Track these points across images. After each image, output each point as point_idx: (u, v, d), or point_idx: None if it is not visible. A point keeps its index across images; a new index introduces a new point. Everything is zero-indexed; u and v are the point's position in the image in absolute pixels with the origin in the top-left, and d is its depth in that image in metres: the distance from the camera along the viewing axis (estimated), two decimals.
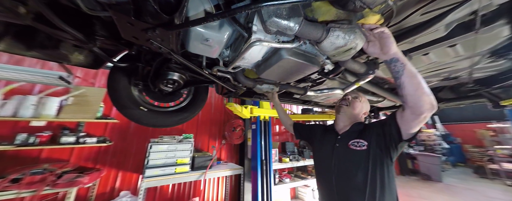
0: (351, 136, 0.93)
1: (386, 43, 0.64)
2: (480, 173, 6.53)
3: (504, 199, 4.21)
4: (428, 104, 0.59)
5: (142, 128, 2.77)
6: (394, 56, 0.64)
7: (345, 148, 0.90)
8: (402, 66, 0.62)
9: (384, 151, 0.80)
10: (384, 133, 0.81)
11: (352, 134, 0.94)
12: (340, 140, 0.95)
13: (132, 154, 2.64)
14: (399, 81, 0.63)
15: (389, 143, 0.79)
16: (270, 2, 0.49)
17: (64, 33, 0.84)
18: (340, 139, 0.96)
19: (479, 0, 0.53)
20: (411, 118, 0.66)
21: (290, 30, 0.64)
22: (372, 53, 0.71)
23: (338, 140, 0.96)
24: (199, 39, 0.77)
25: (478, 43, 0.83)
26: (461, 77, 1.24)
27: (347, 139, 0.92)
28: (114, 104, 1.22)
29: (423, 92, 0.60)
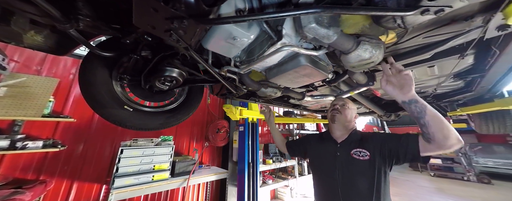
0: (351, 145, 0.94)
1: (408, 84, 0.67)
2: (414, 167, 8.23)
3: (429, 186, 5.43)
4: (455, 140, 0.62)
5: (107, 129, 2.33)
6: (413, 97, 0.67)
7: (348, 157, 0.91)
8: (424, 107, 0.65)
9: (388, 162, 0.84)
10: (396, 148, 0.81)
11: (352, 143, 0.95)
12: (340, 149, 0.96)
13: (93, 160, 2.18)
14: (424, 121, 0.65)
15: (396, 157, 0.82)
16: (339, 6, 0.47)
17: (28, 6, 0.63)
18: (340, 147, 0.97)
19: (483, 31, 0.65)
20: (436, 150, 0.68)
21: (327, 39, 0.64)
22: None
23: (339, 148, 0.97)
24: (225, 37, 0.69)
25: (450, 66, 1.03)
26: (427, 92, 1.53)
27: (348, 148, 0.94)
28: (89, 102, 0.98)
29: (449, 129, 0.62)
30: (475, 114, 1.84)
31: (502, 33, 0.62)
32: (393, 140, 0.84)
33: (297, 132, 4.16)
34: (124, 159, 1.95)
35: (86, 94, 0.98)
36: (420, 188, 5.25)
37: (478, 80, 1.19)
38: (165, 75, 1.02)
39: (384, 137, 0.89)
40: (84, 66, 0.98)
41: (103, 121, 2.30)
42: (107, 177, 2.18)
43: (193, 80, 1.26)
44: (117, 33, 0.85)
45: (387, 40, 0.79)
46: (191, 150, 2.99)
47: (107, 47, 0.97)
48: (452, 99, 1.62)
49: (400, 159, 0.81)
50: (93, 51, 0.87)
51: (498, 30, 0.62)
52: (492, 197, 4.46)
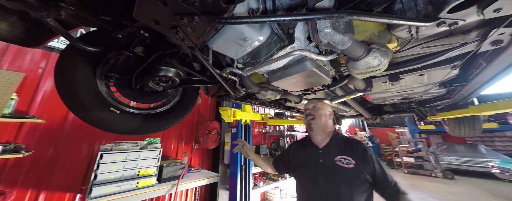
0: (334, 150, 0.92)
1: None
2: (390, 164, 8.92)
3: (404, 183, 5.94)
4: None
5: (83, 131, 2.08)
6: None
7: (332, 164, 0.88)
8: None
9: (369, 175, 0.85)
10: (370, 169, 0.85)
11: (334, 148, 0.93)
12: (323, 155, 0.93)
13: (65, 166, 1.92)
14: None
15: (375, 188, 0.86)
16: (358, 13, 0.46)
17: None
18: (323, 154, 0.93)
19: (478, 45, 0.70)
20: None
21: (342, 45, 0.63)
22: None
23: (321, 155, 0.93)
24: (235, 38, 0.65)
25: (438, 75, 1.12)
26: (413, 98, 1.65)
27: (331, 154, 0.91)
28: (68, 102, 0.85)
29: None
30: (450, 119, 2.04)
31: (495, 47, 0.67)
32: (384, 174, 0.85)
33: (287, 133, 4.21)
34: (104, 164, 1.75)
35: (63, 93, 0.85)
36: None
37: (458, 88, 1.31)
38: (161, 75, 0.92)
39: (366, 155, 0.87)
40: (62, 61, 0.85)
41: (78, 122, 2.06)
42: (82, 185, 1.94)
43: (190, 81, 1.17)
44: (106, 25, 0.74)
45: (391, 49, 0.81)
46: (180, 153, 2.82)
47: (92, 40, 0.85)
48: (432, 105, 1.78)
49: (377, 190, 0.84)
50: (76, 45, 0.75)
51: (492, 45, 0.67)
52: (455, 191, 5.02)
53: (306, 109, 1.10)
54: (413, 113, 2.17)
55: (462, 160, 6.56)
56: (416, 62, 0.95)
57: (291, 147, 1.17)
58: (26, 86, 1.85)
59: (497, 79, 1.06)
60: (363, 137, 11.87)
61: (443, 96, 1.61)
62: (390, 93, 1.51)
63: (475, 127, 1.93)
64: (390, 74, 1.14)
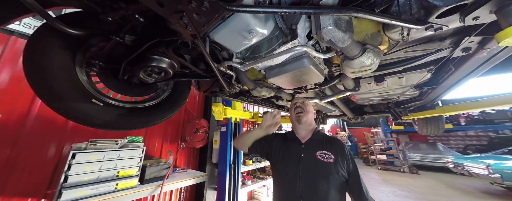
0: (316, 145, 0.94)
1: None
2: (366, 162, 9.69)
3: (377, 178, 6.52)
4: None
5: (51, 128, 1.84)
6: None
7: (313, 158, 0.89)
8: None
9: (345, 170, 0.88)
10: (347, 165, 0.89)
11: (316, 143, 0.95)
12: (305, 150, 0.93)
13: (26, 169, 1.67)
14: None
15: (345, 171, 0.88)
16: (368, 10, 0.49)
17: None
18: (305, 148, 0.94)
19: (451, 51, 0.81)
20: None
21: (342, 43, 0.67)
22: None
23: (303, 149, 0.94)
24: (240, 29, 0.64)
25: (414, 78, 1.25)
26: (392, 99, 1.82)
27: (312, 149, 0.92)
28: (40, 92, 0.75)
29: None
30: (419, 119, 2.31)
31: (464, 54, 0.78)
32: (355, 172, 0.89)
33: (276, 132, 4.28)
34: (77, 165, 1.56)
35: (34, 81, 0.74)
36: (372, 180, 6.22)
37: (429, 91, 1.49)
38: (154, 65, 0.86)
39: (344, 153, 0.91)
40: (34, 43, 0.74)
41: (44, 118, 1.80)
42: (48, 189, 1.71)
43: (184, 74, 1.12)
44: (94, 6, 0.67)
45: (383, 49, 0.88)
46: (165, 153, 2.66)
47: (72, 22, 0.75)
48: (406, 106, 1.99)
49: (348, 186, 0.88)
50: (54, 26, 0.66)
51: (462, 51, 0.77)
52: (419, 184, 5.68)
53: (295, 103, 1.12)
54: (389, 113, 2.39)
55: (425, 156, 7.45)
56: (399, 65, 1.05)
57: (275, 136, 1.10)
58: None
59: (460, 83, 1.23)
60: (343, 137, 12.71)
61: (416, 98, 1.81)
62: (373, 94, 1.64)
63: (439, 126, 2.21)
64: (376, 75, 1.24)
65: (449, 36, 0.78)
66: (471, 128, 7.74)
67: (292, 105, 1.14)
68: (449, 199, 4.36)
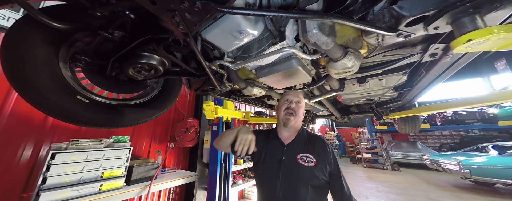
0: (298, 148, 0.88)
1: None
2: (353, 160, 10.13)
3: (363, 175, 6.87)
4: None
5: (27, 127, 1.72)
6: None
7: (293, 162, 0.83)
8: None
9: (327, 173, 0.82)
10: (330, 167, 0.83)
11: (299, 145, 0.89)
12: (286, 152, 0.87)
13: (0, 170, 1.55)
14: None
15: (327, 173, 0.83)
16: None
17: None
18: (287, 150, 0.88)
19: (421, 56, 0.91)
20: None
21: (326, 46, 0.73)
22: None
23: (285, 152, 0.88)
24: (231, 29, 0.66)
25: (393, 80, 1.36)
26: (373, 100, 1.95)
27: (294, 152, 0.87)
28: (19, 87, 0.73)
29: None
30: (399, 118, 2.49)
31: (432, 59, 0.88)
32: (337, 172, 0.83)
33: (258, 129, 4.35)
34: (57, 166, 1.48)
35: (13, 76, 0.71)
36: (358, 177, 6.53)
37: (406, 92, 1.63)
38: (144, 61, 0.86)
39: (333, 160, 0.86)
40: (13, 36, 0.71)
41: (19, 115, 1.68)
42: (23, 192, 1.59)
43: (175, 71, 1.12)
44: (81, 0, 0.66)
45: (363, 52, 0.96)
46: (153, 153, 2.59)
47: (57, 15, 0.73)
48: (387, 106, 2.14)
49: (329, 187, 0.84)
50: (37, 18, 0.64)
51: (430, 57, 0.87)
52: (399, 179, 6.07)
53: (289, 100, 0.96)
54: (373, 113, 2.55)
55: (405, 154, 7.97)
56: (378, 68, 1.14)
57: (257, 134, 0.98)
58: None
59: (431, 86, 1.37)
60: (332, 136, 13.19)
61: (395, 99, 1.96)
62: (357, 94, 1.75)
63: (416, 125, 2.41)
64: (359, 77, 1.33)
65: (419, 43, 0.88)
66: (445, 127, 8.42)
67: (283, 99, 0.99)
68: (425, 193, 4.72)
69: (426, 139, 10.78)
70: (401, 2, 0.53)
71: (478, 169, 4.58)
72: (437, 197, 4.45)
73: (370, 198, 4.46)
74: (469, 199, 4.32)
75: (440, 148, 9.20)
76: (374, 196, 4.59)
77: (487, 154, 5.21)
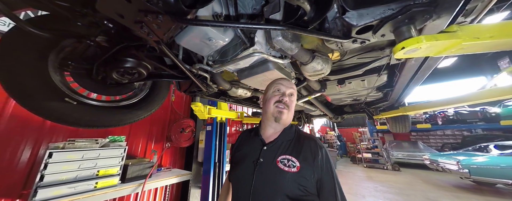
0: (280, 148, 0.72)
1: None
2: (353, 160, 10.09)
3: (362, 175, 6.83)
4: None
5: (26, 127, 1.81)
6: None
7: (272, 165, 0.68)
8: None
9: (312, 185, 0.65)
10: (317, 176, 0.65)
11: (282, 145, 0.74)
12: (265, 153, 0.72)
13: (1, 168, 1.64)
14: None
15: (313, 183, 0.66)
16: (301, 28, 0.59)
17: None
18: (266, 151, 0.73)
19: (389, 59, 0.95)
20: None
21: (290, 51, 0.78)
22: None
23: (264, 152, 0.73)
24: (200, 37, 0.72)
25: (373, 81, 1.40)
26: (360, 100, 1.98)
27: (274, 153, 0.71)
28: (12, 91, 0.79)
29: None
30: (389, 118, 2.51)
31: (398, 62, 0.92)
32: (331, 183, 0.65)
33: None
34: (54, 164, 1.57)
35: (6, 81, 0.78)
36: (357, 177, 6.52)
37: (390, 92, 1.66)
38: (126, 66, 0.92)
39: (326, 168, 0.67)
40: (6, 45, 0.78)
41: (19, 116, 1.78)
42: (23, 189, 1.69)
43: (159, 74, 1.18)
44: (63, 11, 0.72)
45: (333, 57, 1.01)
46: (149, 152, 2.68)
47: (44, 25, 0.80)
48: (376, 106, 2.17)
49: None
50: (25, 29, 0.71)
51: (397, 59, 0.91)
52: (398, 180, 6.04)
53: (282, 93, 0.80)
54: (364, 113, 2.58)
55: (406, 154, 7.90)
56: (356, 69, 1.18)
57: (238, 137, 0.93)
58: None
59: (411, 86, 1.40)
60: (332, 136, 13.14)
61: (382, 99, 1.99)
62: (343, 94, 1.79)
63: (406, 125, 2.43)
64: (338, 79, 1.37)
65: (386, 46, 0.92)
66: (447, 127, 8.31)
67: (273, 89, 0.82)
68: (424, 193, 4.69)
69: (428, 139, 10.63)
70: (348, 13, 0.58)
71: (478, 169, 4.53)
72: (435, 197, 4.42)
73: (367, 197, 4.46)
74: (466, 199, 4.29)
75: (442, 148, 9.07)
76: (371, 195, 4.59)
77: (488, 153, 5.15)
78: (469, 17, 0.65)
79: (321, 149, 0.70)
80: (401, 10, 0.52)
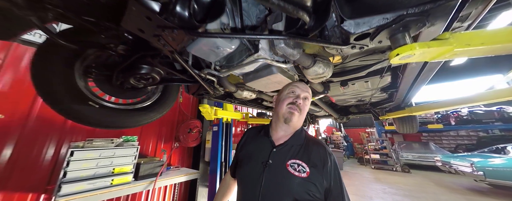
0: (290, 152, 0.73)
1: None
2: (361, 161, 9.89)
3: (369, 177, 6.70)
4: None
5: (50, 128, 1.97)
6: None
7: (281, 168, 0.69)
8: None
9: (321, 191, 0.66)
10: (327, 183, 0.67)
11: (291, 149, 0.74)
12: (275, 155, 0.74)
13: (27, 165, 1.80)
14: None
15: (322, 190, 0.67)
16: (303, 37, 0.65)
17: None
18: (276, 153, 0.74)
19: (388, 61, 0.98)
20: None
21: (293, 57, 0.83)
22: None
23: (273, 154, 0.74)
24: (209, 46, 0.79)
25: (376, 82, 1.42)
26: (365, 100, 1.99)
27: (284, 156, 0.72)
28: (45, 96, 0.90)
29: None
30: (396, 118, 2.48)
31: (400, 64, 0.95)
32: (339, 191, 0.67)
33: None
34: (75, 162, 1.70)
35: (40, 88, 0.89)
36: (364, 179, 6.39)
37: (395, 93, 1.66)
38: (142, 72, 1.01)
39: (334, 174, 0.69)
40: (40, 54, 0.89)
41: (43, 118, 1.94)
42: (47, 184, 1.84)
43: (171, 79, 1.27)
44: (89, 26, 0.82)
45: (335, 61, 1.05)
46: (159, 152, 2.80)
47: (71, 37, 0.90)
48: (382, 107, 2.16)
49: None
50: (57, 42, 0.81)
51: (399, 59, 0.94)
52: (408, 182, 5.86)
53: (297, 96, 0.81)
54: (370, 113, 2.57)
55: (417, 156, 7.64)
56: (358, 71, 1.21)
57: (244, 135, 0.94)
58: None
59: (416, 87, 1.40)
60: (338, 137, 12.94)
61: (388, 100, 1.98)
62: (347, 95, 1.80)
63: (413, 125, 2.39)
64: (341, 80, 1.40)
65: (387, 49, 0.95)
66: (461, 127, 7.96)
67: (288, 91, 0.84)
68: (435, 196, 4.54)
69: (441, 140, 10.22)
70: (346, 22, 0.63)
71: (493, 171, 4.33)
72: (446, 199, 4.27)
73: (374, 199, 4.38)
74: None
75: (455, 149, 8.69)
76: (379, 197, 4.50)
77: (505, 155, 4.90)
78: (466, 22, 0.67)
79: (330, 156, 0.72)
80: (395, 19, 0.56)
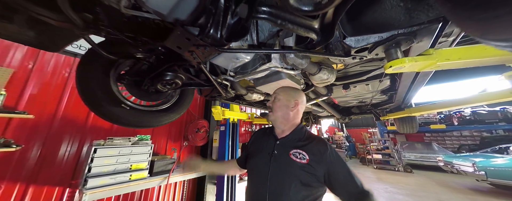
0: (291, 143, 0.86)
1: None
2: (363, 161, 9.92)
3: (372, 176, 6.76)
4: None
5: (73, 127, 2.13)
6: None
7: (285, 157, 0.81)
8: None
9: (320, 177, 0.77)
10: (324, 170, 0.77)
11: (293, 141, 0.87)
12: (279, 146, 0.87)
13: (54, 161, 1.96)
14: None
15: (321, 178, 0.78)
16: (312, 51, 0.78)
17: (49, 12, 0.70)
18: (279, 144, 0.88)
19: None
20: None
21: (301, 65, 0.96)
22: None
23: (277, 146, 0.87)
24: (230, 57, 0.92)
25: (377, 85, 1.54)
26: (366, 102, 2.10)
27: (287, 147, 0.85)
28: (86, 100, 1.04)
29: None
30: (396, 119, 2.59)
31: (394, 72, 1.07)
32: (345, 173, 0.78)
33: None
34: (98, 158, 1.86)
35: (83, 92, 1.04)
36: (366, 178, 6.47)
37: (394, 95, 1.77)
38: (168, 79, 1.15)
39: (336, 160, 0.79)
40: (84, 64, 1.03)
41: (68, 118, 2.11)
42: (71, 179, 2.00)
43: (189, 83, 1.41)
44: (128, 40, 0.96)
45: (338, 67, 1.17)
46: (169, 150, 2.96)
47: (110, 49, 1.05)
48: (382, 107, 2.27)
49: (335, 193, 0.77)
50: (100, 52, 0.95)
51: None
52: (410, 182, 5.92)
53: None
54: (371, 114, 2.67)
55: (419, 156, 7.67)
56: (359, 76, 1.34)
57: (253, 135, 1.13)
58: (14, 82, 1.86)
59: (413, 90, 1.52)
60: (341, 137, 12.98)
61: (388, 101, 2.10)
62: (349, 97, 1.92)
63: (413, 125, 2.49)
64: (344, 84, 1.53)
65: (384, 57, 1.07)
66: (464, 128, 7.96)
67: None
68: (437, 195, 4.60)
69: (444, 140, 10.21)
70: (347, 39, 0.75)
71: (495, 171, 4.38)
72: (448, 199, 4.34)
73: None
74: None
75: (458, 149, 8.68)
76: (380, 196, 4.59)
77: (508, 155, 4.93)
78: (451, 37, 0.80)
79: (328, 146, 0.82)
80: (389, 37, 0.68)
